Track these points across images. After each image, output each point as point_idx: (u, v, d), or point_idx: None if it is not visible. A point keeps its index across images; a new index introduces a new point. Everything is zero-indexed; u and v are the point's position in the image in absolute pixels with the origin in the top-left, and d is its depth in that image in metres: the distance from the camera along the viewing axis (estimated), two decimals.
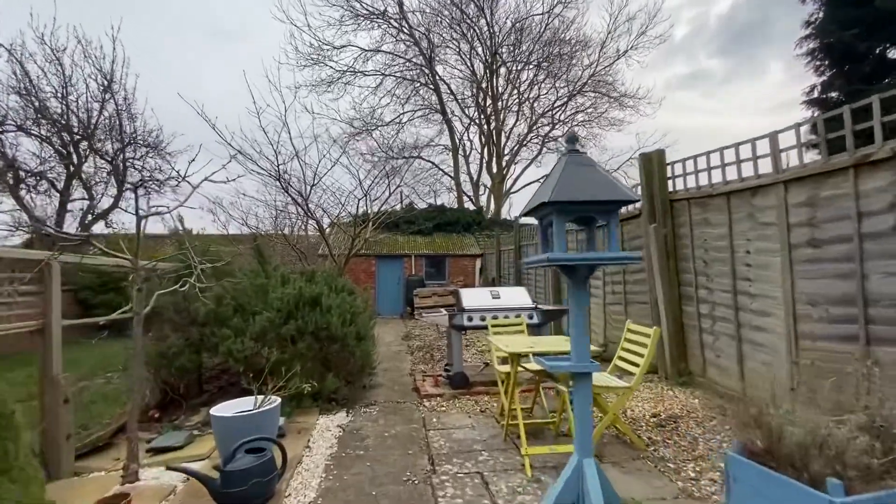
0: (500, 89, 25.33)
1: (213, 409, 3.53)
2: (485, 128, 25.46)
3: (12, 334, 3.42)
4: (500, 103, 25.20)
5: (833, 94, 11.00)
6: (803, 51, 11.50)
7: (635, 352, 3.98)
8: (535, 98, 25.03)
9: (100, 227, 13.10)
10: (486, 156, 25.66)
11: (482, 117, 25.47)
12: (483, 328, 5.69)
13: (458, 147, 25.30)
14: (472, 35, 24.03)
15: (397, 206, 12.95)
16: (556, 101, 24.60)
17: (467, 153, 26.26)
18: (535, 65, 23.88)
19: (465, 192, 25.48)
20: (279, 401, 3.74)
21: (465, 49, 24.47)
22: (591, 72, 23.46)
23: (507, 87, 25.24)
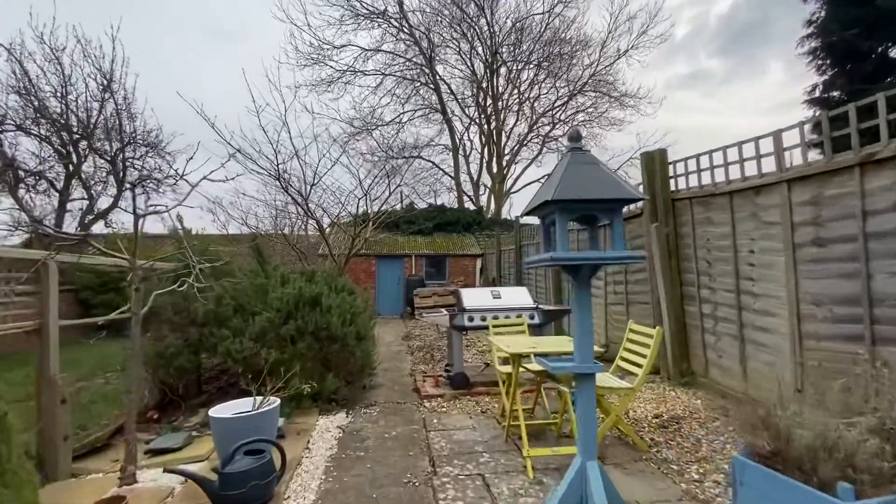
0: (500, 89, 25.33)
1: (211, 411, 3.50)
2: (485, 127, 25.44)
3: (10, 334, 3.38)
4: (500, 103, 25.17)
5: (835, 93, 10.96)
6: (805, 50, 11.47)
7: (638, 352, 3.94)
8: (535, 98, 25.04)
9: (99, 226, 13.07)
10: (487, 155, 25.65)
11: (482, 117, 25.45)
12: (484, 328, 5.65)
13: (458, 147, 25.27)
14: (472, 34, 24.02)
15: (397, 206, 12.91)
16: (556, 101, 24.61)
17: (467, 153, 26.26)
18: (535, 64, 23.87)
19: (466, 191, 25.48)
20: (278, 402, 3.70)
21: (465, 49, 24.49)
22: (592, 71, 23.47)
23: (508, 87, 25.25)
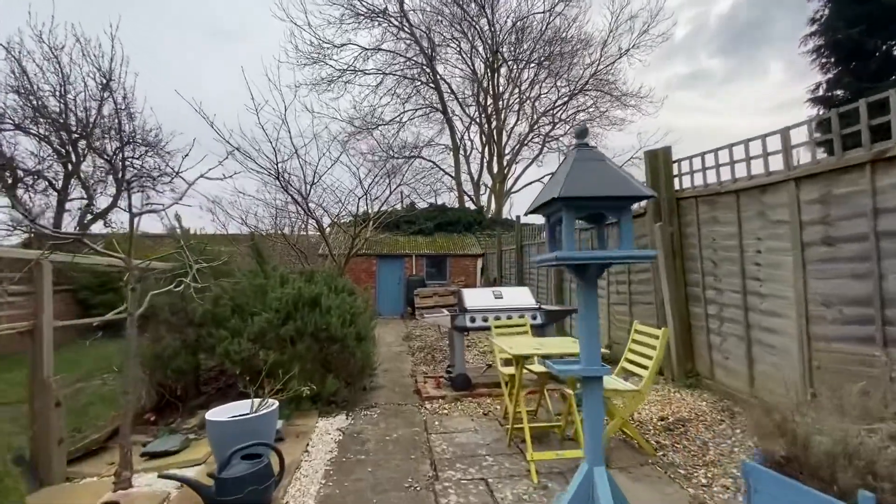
0: (500, 88, 25.25)
1: (208, 414, 3.42)
2: (485, 127, 25.34)
3: (4, 335, 3.31)
4: (500, 102, 25.09)
5: (839, 91, 10.87)
6: (808, 48, 11.38)
7: (643, 353, 3.87)
8: (536, 97, 24.94)
9: (99, 226, 13.01)
10: (487, 155, 25.56)
11: (483, 116, 25.36)
12: (486, 329, 5.58)
13: (458, 146, 25.19)
14: (472, 34, 23.94)
15: (398, 206, 12.82)
16: (557, 101, 24.52)
17: (468, 152, 26.19)
18: (536, 64, 23.77)
19: (466, 191, 25.40)
20: (277, 404, 3.63)
21: (465, 48, 24.41)
22: (593, 71, 23.37)
23: (508, 86, 25.15)
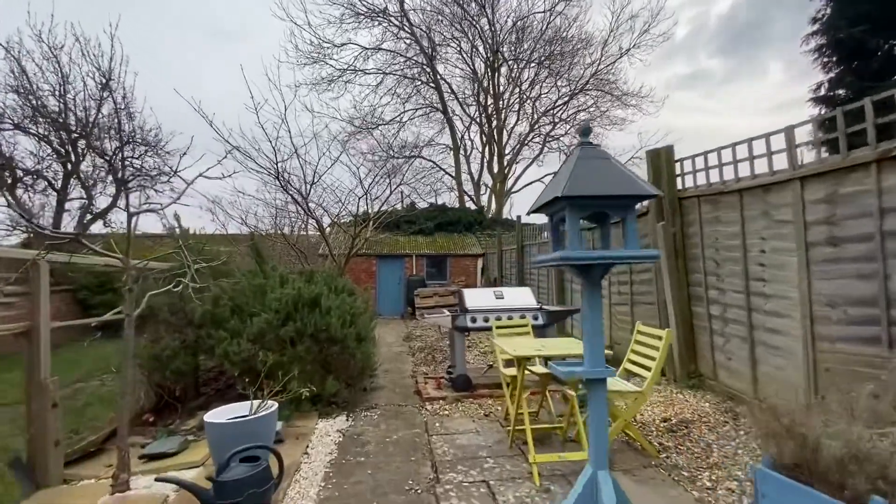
0: (501, 88, 25.19)
1: (206, 416, 3.39)
2: (486, 127, 25.29)
3: (4, 335, 3.28)
4: (501, 102, 25.04)
5: (841, 91, 10.82)
6: (810, 47, 11.34)
7: (646, 354, 3.83)
8: (536, 97, 24.89)
9: (98, 226, 12.97)
10: (488, 155, 25.51)
11: (483, 116, 25.31)
12: (487, 329, 5.54)
13: (459, 146, 25.14)
14: (473, 33, 23.89)
15: (398, 206, 12.78)
16: (557, 100, 24.46)
17: (468, 152, 26.13)
18: (536, 63, 23.72)
19: (467, 191, 25.34)
20: (276, 406, 3.60)
21: (466, 47, 24.36)
22: (594, 70, 23.31)
23: (509, 86, 25.09)
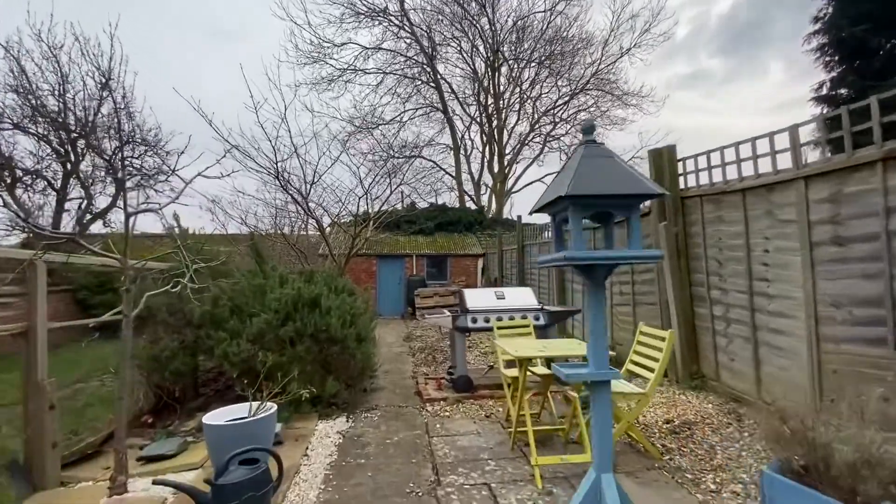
0: (501, 88, 25.13)
1: (205, 417, 3.35)
2: (486, 126, 25.24)
3: (1, 336, 3.25)
4: (501, 102, 24.99)
5: (843, 90, 10.77)
6: (812, 46, 11.27)
7: (649, 355, 3.80)
8: (536, 97, 24.84)
9: (98, 226, 12.95)
10: (488, 155, 25.46)
11: (483, 116, 25.25)
12: (488, 330, 5.51)
13: (459, 146, 25.08)
14: (473, 33, 23.84)
15: (398, 206, 12.74)
16: (558, 100, 24.40)
17: (468, 152, 26.06)
18: (537, 63, 23.67)
19: (467, 191, 25.29)
20: (275, 407, 3.56)
21: (466, 47, 24.30)
22: (594, 70, 23.26)
23: (509, 86, 25.04)
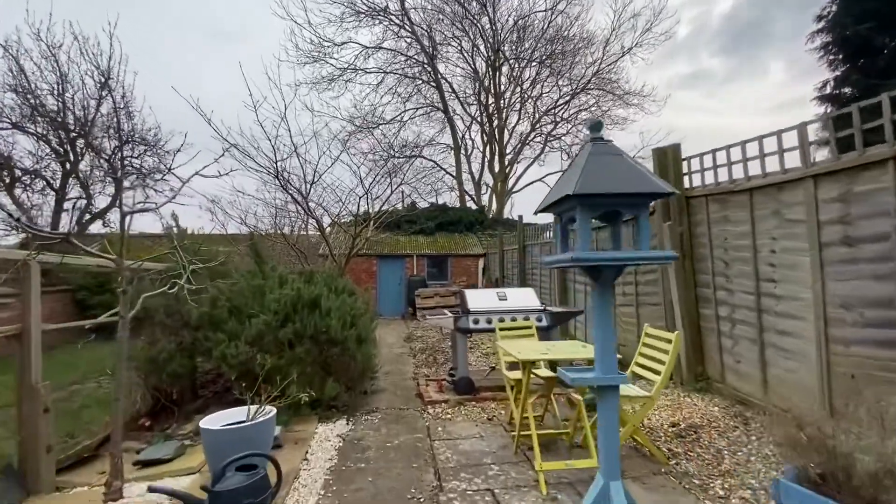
0: (502, 87, 25.05)
1: (202, 421, 3.29)
2: (487, 126, 25.16)
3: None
4: (502, 101, 24.91)
5: (846, 89, 10.69)
6: (815, 45, 11.20)
7: (654, 357, 3.74)
8: (537, 96, 24.75)
9: (97, 226, 12.89)
10: (489, 154, 25.37)
11: (484, 115, 25.17)
12: (489, 331, 5.44)
13: (459, 146, 25.00)
14: (474, 32, 23.76)
15: (399, 206, 12.67)
16: (559, 100, 24.32)
17: (469, 152, 25.98)
18: (537, 62, 23.59)
19: (467, 191, 25.20)
20: (274, 411, 3.49)
21: (467, 46, 24.23)
22: (595, 69, 23.17)
23: (510, 85, 24.95)
